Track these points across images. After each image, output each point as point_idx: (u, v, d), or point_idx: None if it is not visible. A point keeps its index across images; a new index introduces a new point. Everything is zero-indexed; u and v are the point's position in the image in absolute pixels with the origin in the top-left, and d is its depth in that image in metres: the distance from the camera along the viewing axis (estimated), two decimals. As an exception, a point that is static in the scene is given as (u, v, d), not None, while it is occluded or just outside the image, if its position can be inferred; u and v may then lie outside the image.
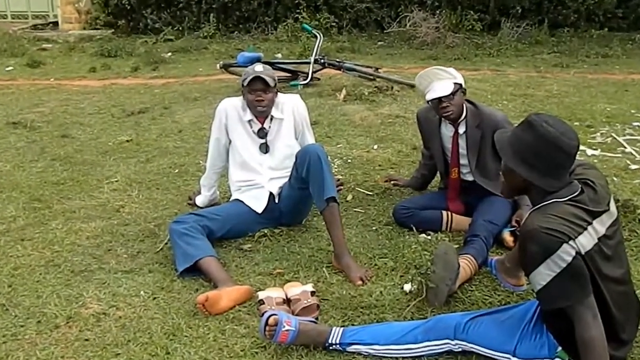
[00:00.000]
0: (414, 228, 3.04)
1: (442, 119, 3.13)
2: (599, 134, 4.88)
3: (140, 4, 10.98)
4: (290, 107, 3.22)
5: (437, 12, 10.12)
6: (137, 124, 5.72)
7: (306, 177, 2.93)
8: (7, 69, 8.54)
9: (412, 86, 6.77)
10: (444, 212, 3.18)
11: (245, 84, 3.03)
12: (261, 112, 3.11)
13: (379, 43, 10.10)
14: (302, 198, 3.11)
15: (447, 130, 3.16)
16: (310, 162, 2.89)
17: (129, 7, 10.98)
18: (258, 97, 3.05)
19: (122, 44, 9.91)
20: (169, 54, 9.87)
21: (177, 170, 4.29)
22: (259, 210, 3.13)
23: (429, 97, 2.97)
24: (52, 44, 10.54)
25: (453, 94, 2.94)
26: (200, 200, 3.50)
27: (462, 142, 3.11)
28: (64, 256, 2.98)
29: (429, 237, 3.03)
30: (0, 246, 3.09)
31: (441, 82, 2.95)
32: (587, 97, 6.31)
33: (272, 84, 3.06)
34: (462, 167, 3.18)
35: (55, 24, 12.09)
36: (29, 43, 10.32)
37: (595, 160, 4.21)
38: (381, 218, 3.36)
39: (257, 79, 3.01)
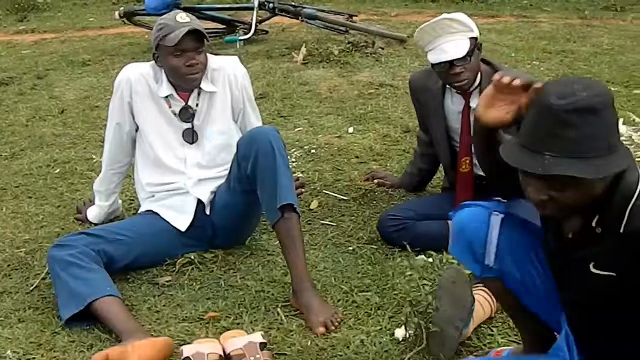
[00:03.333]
0: (408, 247, 3.08)
1: (447, 87, 3.17)
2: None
3: None
4: (224, 75, 3.22)
5: None
6: (-3, 102, 5.64)
7: (252, 176, 2.94)
8: None
9: (403, 40, 6.87)
10: (451, 223, 3.22)
11: (168, 43, 3.01)
12: (194, 81, 3.11)
13: (354, -22, 10.18)
14: (245, 207, 3.12)
15: (453, 104, 3.20)
16: (259, 154, 2.91)
17: None
18: (190, 59, 3.05)
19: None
20: (44, -4, 9.75)
21: (58, 170, 4.25)
22: (183, 227, 3.13)
23: (435, 59, 3.00)
24: None
25: (469, 54, 2.98)
26: (94, 213, 3.49)
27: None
28: None
29: (430, 260, 3.05)
30: None
31: (452, 37, 2.99)
32: (652, 54, 6.47)
33: (206, 39, 3.08)
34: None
35: None
36: None
37: None
38: (361, 233, 3.39)
39: (189, 34, 3.00)
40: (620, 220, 1.75)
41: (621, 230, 1.76)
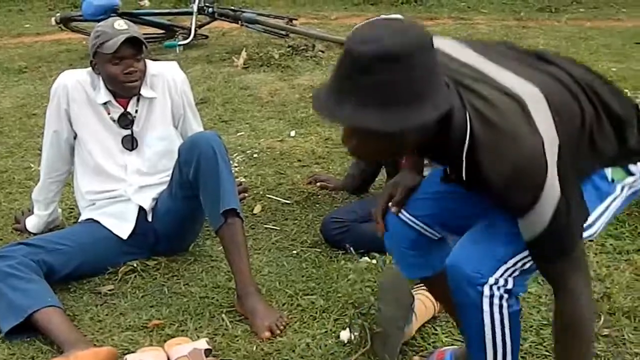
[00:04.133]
0: (351, 249, 3.09)
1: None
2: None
3: None
4: (164, 81, 3.21)
5: None
6: None
7: (194, 182, 2.94)
8: None
9: (343, 43, 6.90)
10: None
11: (106, 50, 2.99)
12: (133, 89, 3.09)
13: (293, -18, 10.21)
14: (188, 213, 3.11)
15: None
16: (201, 159, 2.90)
17: None
18: (129, 67, 3.03)
19: None
20: (-23, 3, 9.57)
21: (-5, 180, 4.17)
22: (124, 234, 3.10)
23: None
24: None
25: None
26: (33, 223, 3.44)
27: (414, 123, 3.19)
28: None
29: (374, 261, 3.08)
30: None
31: None
32: (585, 54, 6.62)
33: (145, 46, 3.07)
34: (417, 159, 3.26)
35: None
36: None
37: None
38: (304, 237, 3.40)
39: (127, 41, 2.98)
40: (460, 169, 1.76)
41: (463, 178, 1.77)
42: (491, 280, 1.85)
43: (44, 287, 2.78)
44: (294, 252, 3.27)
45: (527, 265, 1.89)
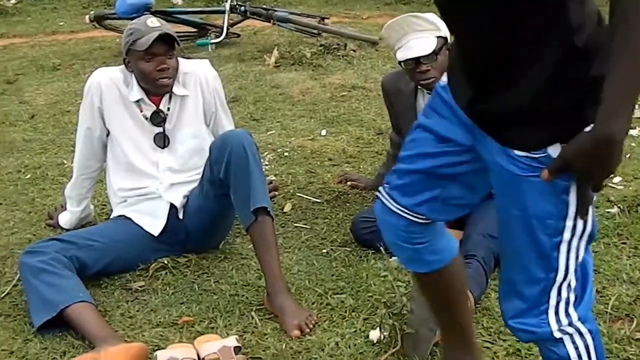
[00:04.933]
0: (382, 249, 3.08)
1: (419, 88, 3.18)
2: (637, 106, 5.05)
3: None
4: (196, 78, 3.22)
5: None
6: (-34, 108, 5.59)
7: (225, 180, 2.95)
8: None
9: (375, 43, 6.89)
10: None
11: (139, 47, 3.00)
12: (166, 87, 3.10)
13: (325, -19, 10.20)
14: (219, 211, 3.12)
15: (425, 105, 3.21)
16: (232, 157, 2.91)
17: None
18: (161, 64, 3.05)
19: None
20: (13, 0, 9.68)
21: (29, 176, 4.22)
22: (156, 231, 3.12)
23: (401, 56, 3.02)
24: None
25: (436, 52, 3.00)
26: (65, 219, 3.46)
27: (446, 123, 3.17)
28: None
29: (404, 262, 3.07)
30: None
31: (419, 35, 3.00)
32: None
33: (177, 43, 3.09)
34: (448, 159, 3.24)
35: None
36: None
37: (633, 144, 4.35)
38: (334, 236, 3.39)
39: (160, 38, 2.99)
40: None
41: None
42: (554, 326, 1.71)
43: (76, 283, 2.80)
44: (324, 251, 3.27)
45: (573, 284, 1.71)
